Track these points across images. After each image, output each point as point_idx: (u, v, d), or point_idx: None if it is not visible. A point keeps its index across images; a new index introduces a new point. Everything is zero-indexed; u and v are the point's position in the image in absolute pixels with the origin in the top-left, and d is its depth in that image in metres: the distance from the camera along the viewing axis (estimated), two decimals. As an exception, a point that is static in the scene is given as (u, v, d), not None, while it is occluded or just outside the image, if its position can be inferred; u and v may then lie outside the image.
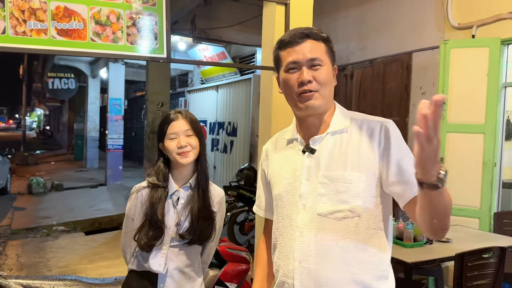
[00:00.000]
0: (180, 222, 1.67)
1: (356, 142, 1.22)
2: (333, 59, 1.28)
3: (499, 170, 3.91)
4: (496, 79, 3.78)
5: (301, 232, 1.22)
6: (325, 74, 1.22)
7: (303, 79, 1.20)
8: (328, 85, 1.24)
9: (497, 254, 2.48)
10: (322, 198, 1.20)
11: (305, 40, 1.23)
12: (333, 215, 1.19)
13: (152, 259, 1.64)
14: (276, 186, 1.33)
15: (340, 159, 1.21)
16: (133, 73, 13.05)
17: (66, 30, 2.60)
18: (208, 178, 1.75)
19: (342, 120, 1.27)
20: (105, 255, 5.13)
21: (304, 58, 1.21)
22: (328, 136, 1.26)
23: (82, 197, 9.02)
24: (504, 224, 3.65)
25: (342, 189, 1.19)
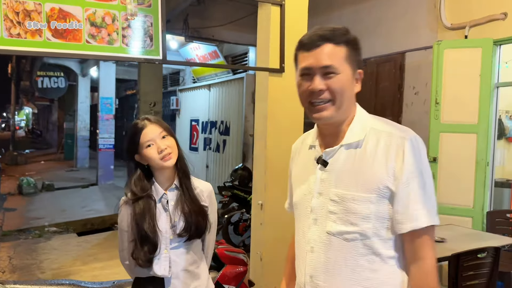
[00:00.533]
0: (175, 223, 1.66)
1: (370, 159, 1.14)
2: (356, 63, 1.19)
3: (491, 169, 3.97)
4: (488, 80, 3.82)
5: (311, 247, 1.20)
6: (340, 82, 1.14)
7: (313, 88, 1.14)
8: (345, 94, 1.16)
9: (491, 254, 2.52)
10: (332, 216, 1.16)
11: (323, 44, 1.14)
12: (342, 236, 1.15)
13: (156, 264, 1.63)
14: (295, 193, 1.32)
15: (351, 177, 1.15)
16: (123, 72, 12.95)
17: (61, 32, 2.57)
18: (189, 175, 1.74)
19: (358, 132, 1.18)
20: (99, 256, 5.09)
21: (317, 65, 1.14)
22: (342, 149, 1.19)
23: (73, 197, 8.93)
24: (497, 223, 3.70)
25: (352, 210, 1.13)
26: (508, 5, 3.80)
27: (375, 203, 1.12)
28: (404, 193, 1.10)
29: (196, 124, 9.90)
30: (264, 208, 3.34)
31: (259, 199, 3.39)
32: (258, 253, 3.37)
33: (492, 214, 3.78)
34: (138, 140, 1.62)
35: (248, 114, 7.52)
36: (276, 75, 3.36)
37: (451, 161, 3.94)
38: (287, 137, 3.41)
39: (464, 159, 3.89)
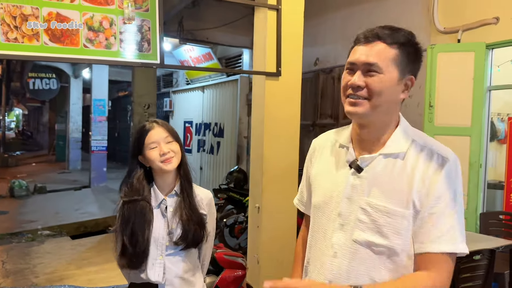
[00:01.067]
0: (172, 230, 1.66)
1: (410, 172, 1.10)
2: (407, 68, 1.13)
3: (484, 171, 4.02)
4: (481, 83, 3.88)
5: (334, 252, 1.17)
6: (381, 82, 1.10)
7: (352, 83, 1.11)
8: (383, 95, 1.10)
9: (487, 256, 2.56)
10: (361, 225, 1.12)
11: (375, 41, 1.12)
12: (369, 247, 1.11)
13: (150, 270, 1.64)
14: (316, 194, 1.27)
15: (387, 189, 1.10)
16: (116, 73, 12.88)
17: (58, 36, 2.57)
18: (191, 182, 1.75)
19: (401, 142, 1.14)
20: (94, 260, 5.07)
21: (360, 61, 1.11)
22: (380, 158, 1.14)
23: (66, 200, 8.87)
24: (490, 224, 3.75)
25: (383, 222, 1.09)
26: (500, 10, 3.86)
27: (409, 220, 1.08)
28: (431, 212, 1.07)
29: (190, 126, 9.88)
30: (261, 211, 3.35)
31: (256, 202, 3.40)
32: (255, 256, 3.39)
33: (485, 216, 3.83)
34: (143, 141, 1.64)
35: (242, 116, 7.53)
36: (273, 79, 3.38)
37: (445, 163, 3.98)
38: (284, 141, 3.44)
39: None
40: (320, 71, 6.12)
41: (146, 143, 1.64)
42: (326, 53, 6.00)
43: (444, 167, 1.08)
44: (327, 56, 5.98)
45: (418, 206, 1.08)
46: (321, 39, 6.07)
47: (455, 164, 1.11)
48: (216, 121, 8.66)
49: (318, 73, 6.15)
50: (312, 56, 6.21)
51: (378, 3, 5.16)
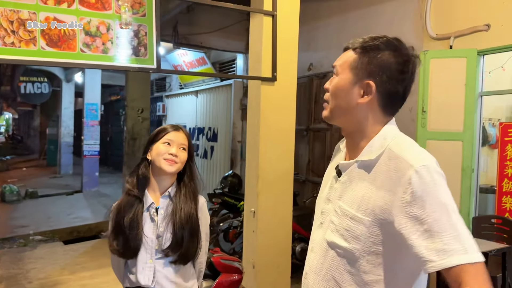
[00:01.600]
0: (161, 234, 1.66)
1: (377, 182, 1.08)
2: (365, 72, 1.11)
3: (476, 175, 4.07)
4: (473, 88, 3.94)
5: (312, 247, 1.25)
6: (335, 84, 1.15)
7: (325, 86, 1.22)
8: (338, 97, 1.14)
9: (480, 259, 2.59)
10: (332, 226, 1.16)
11: (346, 50, 1.19)
12: (334, 248, 1.15)
13: (140, 273, 1.65)
14: (320, 192, 1.34)
15: (354, 195, 1.12)
16: (108, 77, 12.85)
17: (55, 41, 2.57)
18: (197, 192, 1.76)
19: (374, 150, 1.12)
20: (87, 265, 5.03)
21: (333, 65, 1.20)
22: (355, 165, 1.15)
23: (58, 205, 8.80)
24: (482, 228, 3.80)
25: (346, 226, 1.11)
26: (491, 17, 3.93)
27: (368, 227, 1.07)
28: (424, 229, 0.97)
29: (183, 130, 9.86)
30: (256, 215, 3.37)
31: (252, 207, 3.42)
32: (251, 261, 3.39)
33: (478, 220, 3.88)
34: (163, 135, 1.70)
35: (236, 120, 7.55)
36: (268, 84, 3.40)
37: (438, 168, 4.03)
38: (279, 145, 3.46)
39: (450, 166, 3.98)
40: (314, 76, 6.17)
41: (163, 137, 1.69)
42: (320, 58, 6.05)
43: (411, 179, 1.00)
44: (321, 61, 6.03)
45: (387, 218, 1.03)
46: (314, 45, 6.12)
47: (426, 172, 1.01)
48: (209, 125, 8.66)
49: (312, 78, 6.19)
50: (306, 61, 6.25)
51: (371, 9, 5.22)
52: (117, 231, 1.67)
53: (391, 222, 1.03)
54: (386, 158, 1.08)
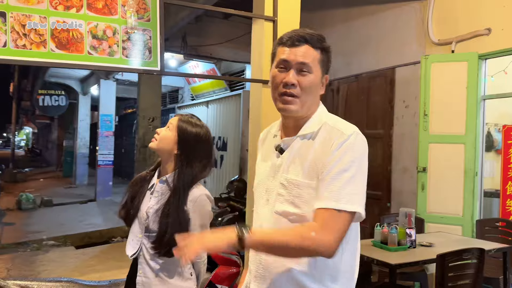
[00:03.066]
0: (149, 214, 1.75)
1: (316, 149, 1.24)
2: (325, 69, 1.30)
3: (480, 179, 4.07)
4: (474, 92, 3.97)
5: (260, 224, 1.32)
6: (311, 82, 1.25)
7: (287, 80, 1.24)
8: (312, 94, 1.27)
9: (476, 255, 2.61)
10: (280, 198, 1.26)
11: (302, 44, 1.25)
12: (286, 217, 1.24)
13: (128, 244, 1.80)
14: (256, 177, 1.43)
15: (299, 165, 1.25)
16: (123, 90, 13.15)
17: (64, 44, 2.72)
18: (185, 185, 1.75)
19: (313, 125, 1.29)
20: (96, 267, 5.14)
21: (294, 60, 1.24)
22: (298, 140, 1.29)
23: (71, 213, 8.99)
24: (486, 231, 3.79)
25: (296, 194, 1.23)
26: (491, 21, 3.98)
27: (316, 189, 1.20)
28: (329, 177, 1.17)
29: (195, 140, 10.02)
30: (258, 215, 3.43)
31: (253, 207, 3.48)
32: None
33: (482, 223, 3.86)
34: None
35: (245, 129, 7.66)
36: (269, 87, 3.49)
37: (440, 170, 4.05)
38: (280, 146, 3.54)
39: (453, 169, 4.00)
40: (320, 84, 6.25)
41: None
42: (326, 66, 6.15)
43: (343, 141, 1.19)
44: (327, 69, 6.12)
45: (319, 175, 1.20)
46: (321, 53, 6.22)
47: (355, 139, 1.20)
48: (219, 135, 8.80)
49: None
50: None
51: (374, 17, 5.32)
52: (125, 201, 1.86)
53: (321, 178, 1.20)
54: (324, 131, 1.26)
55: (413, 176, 4.43)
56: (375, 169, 5.24)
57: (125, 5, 2.92)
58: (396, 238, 2.96)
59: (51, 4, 2.69)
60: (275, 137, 1.38)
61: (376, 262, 2.72)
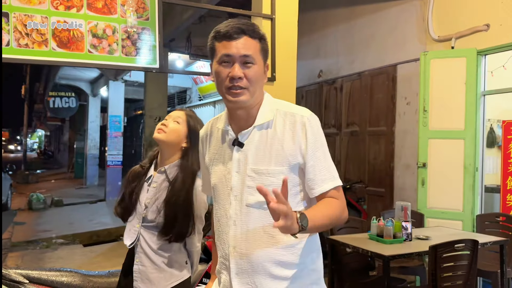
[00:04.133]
0: (148, 205, 1.82)
1: (280, 136, 1.29)
2: (265, 57, 1.33)
3: (481, 174, 4.07)
4: (473, 88, 3.98)
5: (234, 221, 1.31)
6: (256, 72, 1.27)
7: (234, 74, 1.25)
8: (258, 83, 1.30)
9: (469, 246, 2.63)
10: (250, 190, 1.28)
11: (241, 36, 1.26)
12: (260, 206, 1.26)
13: (126, 233, 1.87)
14: (213, 176, 1.41)
15: (265, 154, 1.29)
16: (132, 92, 13.32)
17: (65, 43, 2.82)
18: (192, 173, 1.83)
19: (267, 114, 1.32)
20: (102, 264, 5.24)
21: (237, 54, 1.25)
22: (255, 131, 1.32)
23: (81, 212, 9.14)
24: (486, 226, 3.78)
25: (267, 182, 1.25)
26: (490, 17, 3.99)
27: (287, 174, 1.26)
28: (311, 163, 1.28)
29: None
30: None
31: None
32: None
33: (482, 217, 3.86)
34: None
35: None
36: (268, 84, 3.55)
37: (440, 166, 4.06)
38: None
39: (453, 164, 4.01)
40: (323, 83, 6.29)
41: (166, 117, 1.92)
42: (329, 65, 6.18)
43: (306, 124, 1.28)
44: (330, 67, 6.16)
45: (298, 161, 1.28)
46: (323, 52, 6.26)
47: (313, 119, 1.31)
48: (226, 134, 8.88)
49: (322, 85, 6.32)
50: (316, 68, 6.40)
51: (375, 16, 5.34)
52: (121, 198, 1.91)
53: (300, 163, 1.30)
54: (279, 117, 1.32)
55: (415, 173, 4.44)
56: (378, 166, 5.26)
57: (125, 5, 3.01)
58: (391, 231, 2.99)
59: (52, 4, 2.79)
60: (227, 134, 1.37)
61: (371, 254, 2.76)
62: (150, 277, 1.81)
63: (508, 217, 3.73)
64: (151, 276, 1.81)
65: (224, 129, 1.39)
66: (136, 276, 1.83)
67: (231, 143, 1.35)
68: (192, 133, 1.86)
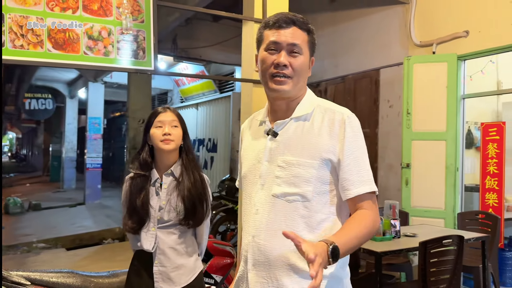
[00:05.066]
0: (163, 206, 1.86)
1: (316, 130, 1.27)
2: (312, 50, 1.32)
3: (461, 174, 4.26)
4: (454, 91, 4.16)
5: (256, 210, 1.29)
6: (302, 63, 1.27)
7: (279, 61, 1.24)
8: (302, 75, 1.29)
9: (456, 242, 2.76)
10: (278, 180, 1.27)
11: (290, 26, 1.26)
12: (285, 197, 1.25)
13: (144, 239, 1.86)
14: (244, 165, 1.41)
15: (298, 145, 1.27)
16: (111, 93, 13.15)
17: (60, 44, 2.81)
18: (196, 164, 1.93)
19: (306, 107, 1.31)
20: (89, 267, 5.17)
21: (285, 41, 1.25)
22: (292, 122, 1.31)
23: (61, 216, 8.97)
24: (467, 223, 3.96)
25: (296, 174, 1.25)
26: (469, 24, 4.18)
27: (317, 169, 1.24)
28: (347, 162, 1.24)
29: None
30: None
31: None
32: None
33: (463, 215, 4.04)
34: (153, 120, 1.89)
35: (235, 131, 7.78)
36: (260, 86, 3.63)
37: (423, 166, 4.23)
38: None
39: (435, 165, 4.18)
40: (308, 85, 6.40)
41: (154, 121, 1.89)
42: (313, 68, 6.23)
43: (345, 122, 1.26)
44: (314, 71, 6.24)
45: (331, 157, 1.25)
46: (308, 55, 6.38)
47: (353, 118, 1.29)
48: (209, 136, 8.90)
49: (314, 86, 6.44)
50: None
51: (359, 20, 5.50)
52: (131, 212, 1.88)
53: (335, 161, 1.26)
54: (318, 112, 1.31)
55: (398, 173, 4.60)
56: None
57: (120, 7, 3.03)
58: (381, 229, 3.10)
59: (47, 5, 2.78)
60: (263, 124, 1.38)
61: (363, 250, 2.86)
62: (171, 276, 1.86)
63: (487, 215, 3.92)
64: (172, 275, 1.86)
65: (262, 121, 1.39)
66: (157, 277, 1.86)
67: (265, 132, 1.34)
68: (185, 131, 1.93)
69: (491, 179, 4.05)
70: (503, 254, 4.14)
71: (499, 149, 3.98)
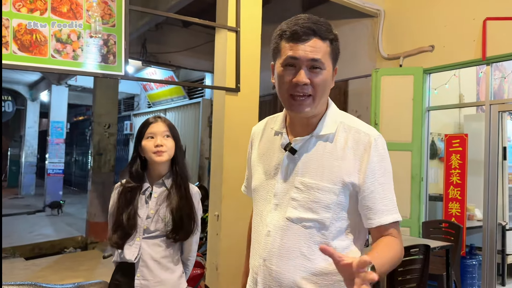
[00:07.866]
0: (151, 216, 1.81)
1: (339, 152, 1.17)
2: (335, 60, 1.19)
3: (425, 184, 4.40)
4: (420, 104, 4.30)
5: (268, 231, 1.21)
6: (324, 79, 1.15)
7: (299, 80, 1.12)
8: (325, 91, 1.18)
9: (422, 251, 2.84)
10: (294, 203, 1.18)
11: (311, 38, 1.12)
12: (301, 223, 1.17)
13: (127, 249, 1.79)
14: (255, 177, 1.32)
15: (318, 167, 1.17)
16: (76, 97, 12.78)
17: (27, 46, 2.70)
18: (186, 179, 1.89)
19: (329, 125, 1.20)
20: (49, 278, 4.97)
21: (305, 57, 1.12)
22: (312, 140, 1.20)
23: (19, 224, 8.56)
24: (431, 232, 4.09)
25: (314, 199, 1.16)
26: (434, 39, 4.35)
27: (337, 194, 1.15)
28: (371, 189, 1.15)
29: (151, 148, 9.91)
30: (220, 218, 3.52)
31: (216, 211, 3.56)
32: (214, 263, 3.52)
33: (427, 224, 4.17)
34: (145, 131, 1.83)
35: (204, 137, 7.71)
36: (232, 94, 3.62)
37: (390, 176, 4.33)
38: (242, 151, 3.65)
39: (401, 175, 4.29)
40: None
41: (146, 133, 1.83)
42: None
43: (371, 145, 1.15)
44: (284, 80, 6.34)
45: (352, 180, 1.15)
46: (278, 64, 6.43)
47: (381, 141, 1.18)
48: (177, 143, 8.77)
49: (276, 96, 6.47)
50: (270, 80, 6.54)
51: (330, 31, 5.60)
52: (116, 227, 1.81)
53: (354, 184, 1.16)
54: (341, 130, 1.20)
55: (365, 182, 4.69)
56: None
57: (90, 10, 2.95)
58: (351, 238, 3.14)
59: (14, 6, 2.67)
60: (279, 135, 1.27)
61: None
62: None
63: (451, 224, 4.06)
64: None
65: (278, 131, 1.28)
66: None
67: (283, 147, 1.23)
68: (177, 141, 1.89)
69: (454, 189, 4.20)
70: (465, 261, 4.29)
71: (461, 160, 4.14)
